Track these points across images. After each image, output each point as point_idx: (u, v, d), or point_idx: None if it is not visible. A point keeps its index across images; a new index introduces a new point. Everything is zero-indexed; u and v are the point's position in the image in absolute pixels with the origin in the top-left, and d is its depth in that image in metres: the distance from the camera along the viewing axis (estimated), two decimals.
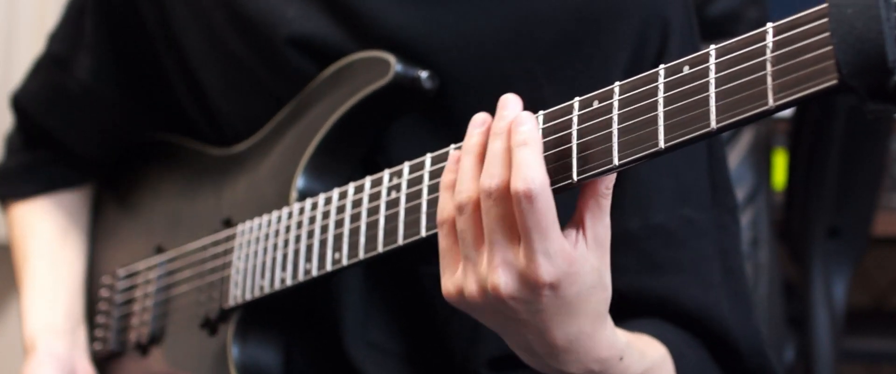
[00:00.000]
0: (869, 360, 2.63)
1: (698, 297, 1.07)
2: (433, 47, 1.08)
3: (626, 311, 1.08)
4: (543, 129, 0.84)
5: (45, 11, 2.40)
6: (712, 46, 0.77)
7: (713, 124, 0.75)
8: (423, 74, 1.05)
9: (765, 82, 0.73)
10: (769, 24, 0.74)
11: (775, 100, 0.72)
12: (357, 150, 1.09)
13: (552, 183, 0.81)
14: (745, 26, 1.81)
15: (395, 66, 1.04)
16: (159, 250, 1.23)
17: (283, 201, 1.08)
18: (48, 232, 1.32)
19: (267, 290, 1.05)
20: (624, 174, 1.08)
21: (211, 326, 1.12)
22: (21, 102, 1.33)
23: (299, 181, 1.07)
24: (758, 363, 1.10)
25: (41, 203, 1.33)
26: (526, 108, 0.83)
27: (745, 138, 1.77)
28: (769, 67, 0.73)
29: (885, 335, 2.39)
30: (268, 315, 1.10)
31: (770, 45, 0.73)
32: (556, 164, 0.82)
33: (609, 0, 1.08)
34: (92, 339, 1.28)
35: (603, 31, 1.08)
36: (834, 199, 1.94)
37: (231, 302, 1.09)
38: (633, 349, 0.93)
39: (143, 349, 1.20)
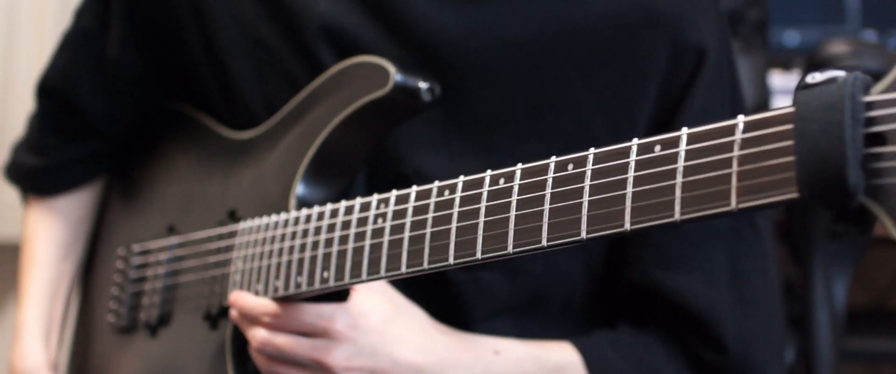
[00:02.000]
0: (869, 360, 2.64)
1: (701, 295, 1.12)
2: (470, 49, 1.09)
3: (635, 299, 1.15)
4: (521, 185, 0.84)
5: (45, 11, 2.40)
6: (685, 130, 0.75)
7: (677, 216, 0.73)
8: (423, 86, 1.05)
9: (729, 182, 0.71)
10: (740, 118, 0.72)
11: (738, 202, 0.70)
12: (356, 155, 1.09)
13: (523, 245, 0.82)
14: (746, 27, 1.81)
15: (395, 76, 1.04)
16: (171, 229, 1.25)
17: (283, 204, 1.08)
18: (53, 244, 1.37)
19: (262, 295, 1.05)
20: None
21: (212, 320, 1.13)
22: (48, 79, 1.34)
23: (299, 188, 1.08)
24: (745, 368, 1.13)
25: (57, 206, 1.38)
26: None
27: None
28: (735, 166, 0.71)
29: (885, 335, 2.39)
30: None
31: (739, 141, 0.71)
32: (528, 225, 0.82)
33: (645, 10, 1.09)
34: (106, 311, 1.31)
35: (639, 39, 1.10)
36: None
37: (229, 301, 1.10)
38: (513, 346, 1.08)
39: (152, 329, 1.22)
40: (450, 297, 1.11)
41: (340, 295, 1.03)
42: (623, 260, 1.15)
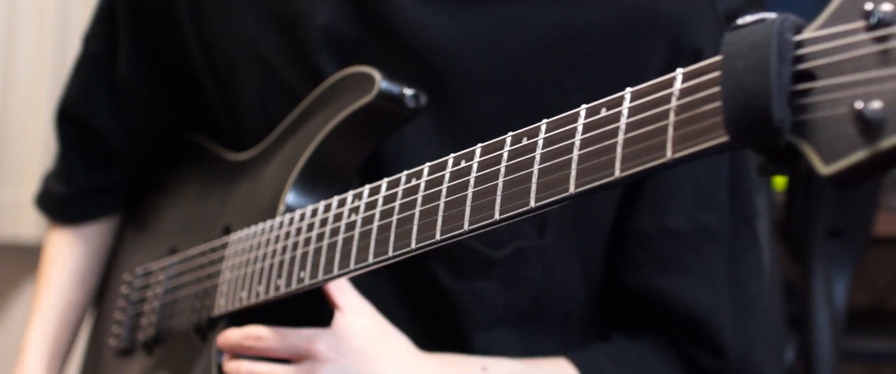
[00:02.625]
0: (869, 360, 2.63)
1: (699, 299, 1.11)
2: (467, 57, 1.08)
3: (632, 305, 1.15)
4: (480, 162, 0.84)
5: (45, 11, 2.40)
6: (628, 89, 0.74)
7: (617, 173, 0.72)
8: (408, 92, 1.05)
9: (665, 133, 0.69)
10: (679, 70, 0.70)
11: (673, 152, 0.68)
12: (348, 165, 1.10)
13: (478, 221, 0.81)
14: None
15: (380, 83, 1.04)
16: (173, 251, 1.26)
17: (273, 214, 1.09)
18: (71, 271, 1.38)
19: (245, 302, 1.06)
20: None
21: (202, 332, 1.13)
22: (65, 106, 1.36)
23: (289, 197, 1.08)
24: (744, 372, 1.12)
25: (81, 232, 1.39)
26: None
27: None
28: (672, 117, 0.69)
29: (885, 335, 2.39)
30: None
31: (676, 92, 0.69)
32: (483, 201, 0.82)
33: (643, 15, 1.09)
34: (108, 334, 1.32)
35: (635, 44, 1.09)
36: (834, 199, 1.94)
37: (216, 311, 1.11)
38: (502, 363, 1.07)
39: (149, 348, 1.22)
40: (447, 307, 1.10)
41: (324, 319, 1.03)
42: (620, 266, 1.15)
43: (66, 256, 1.38)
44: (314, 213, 1.00)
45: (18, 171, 2.39)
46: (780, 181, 2.08)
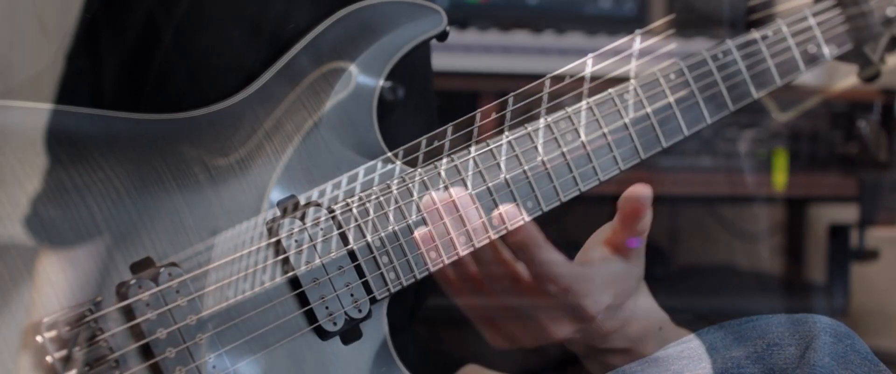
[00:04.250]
0: None
1: None
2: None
3: None
4: (450, 140, 0.90)
5: (46, 11, 2.41)
6: (589, 55, 0.79)
7: (583, 138, 0.76)
8: (385, 85, 1.06)
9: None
10: (637, 31, 0.76)
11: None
12: (330, 160, 1.10)
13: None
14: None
15: (357, 77, 1.04)
16: (162, 258, 1.25)
17: (257, 213, 1.10)
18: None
19: (230, 301, 1.07)
20: None
21: (189, 336, 1.13)
22: (55, 127, 1.35)
23: (273, 195, 1.09)
24: None
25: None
26: None
27: (746, 137, 1.77)
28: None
29: (886, 335, 2.39)
30: (243, 327, 1.12)
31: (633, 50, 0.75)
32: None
33: None
34: (104, 348, 1.32)
35: None
36: (834, 198, 1.95)
37: (205, 312, 1.11)
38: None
39: (143, 358, 1.22)
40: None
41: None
42: None
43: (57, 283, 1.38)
44: (296, 207, 1.00)
45: None
46: (780, 181, 2.09)
